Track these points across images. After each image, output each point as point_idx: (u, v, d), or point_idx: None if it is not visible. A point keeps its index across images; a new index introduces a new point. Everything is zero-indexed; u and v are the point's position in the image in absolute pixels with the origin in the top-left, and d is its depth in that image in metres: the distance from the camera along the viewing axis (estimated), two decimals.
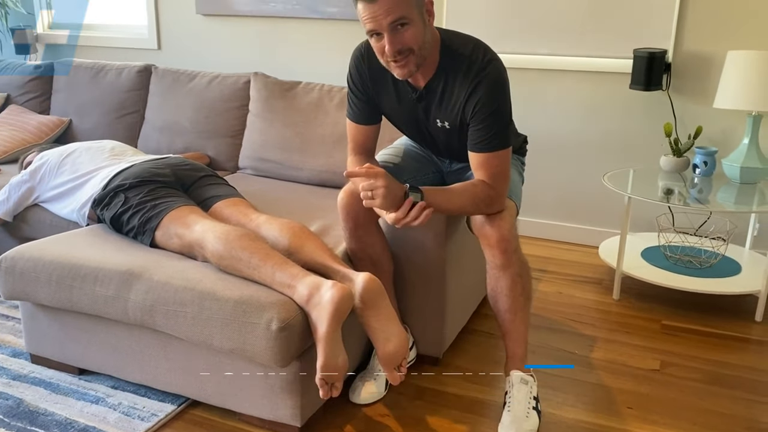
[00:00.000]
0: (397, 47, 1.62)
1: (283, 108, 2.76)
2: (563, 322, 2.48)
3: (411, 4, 1.60)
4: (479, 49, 1.72)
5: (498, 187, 1.75)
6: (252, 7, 3.70)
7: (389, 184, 1.62)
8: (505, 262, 1.79)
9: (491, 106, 1.70)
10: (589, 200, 3.26)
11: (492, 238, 1.77)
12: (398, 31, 1.61)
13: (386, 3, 1.57)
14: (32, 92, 3.33)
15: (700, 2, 2.86)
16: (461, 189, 1.73)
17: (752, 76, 2.52)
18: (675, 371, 2.15)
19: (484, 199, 1.74)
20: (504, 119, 1.73)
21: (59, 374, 2.05)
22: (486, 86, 1.69)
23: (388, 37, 1.61)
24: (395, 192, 1.63)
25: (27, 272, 1.92)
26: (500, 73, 1.71)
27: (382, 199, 1.61)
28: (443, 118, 1.81)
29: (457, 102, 1.75)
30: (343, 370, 1.65)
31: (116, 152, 2.42)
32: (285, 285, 1.67)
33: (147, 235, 1.95)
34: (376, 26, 1.61)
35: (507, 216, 1.78)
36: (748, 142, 2.64)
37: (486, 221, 1.77)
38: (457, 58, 1.72)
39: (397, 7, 1.58)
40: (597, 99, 3.12)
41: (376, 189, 1.61)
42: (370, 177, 1.61)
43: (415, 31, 1.62)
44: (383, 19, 1.59)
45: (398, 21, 1.59)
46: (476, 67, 1.70)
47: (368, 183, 1.61)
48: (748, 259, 2.78)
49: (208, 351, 1.78)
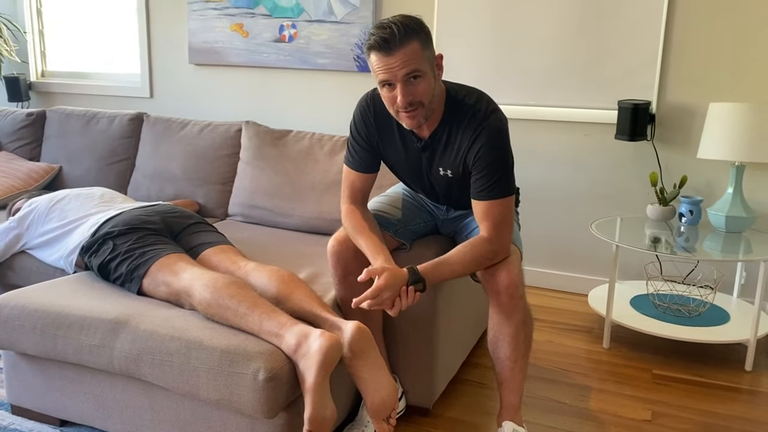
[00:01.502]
0: (408, 99, 1.67)
1: (273, 156, 2.78)
2: (554, 371, 2.46)
3: (424, 58, 1.65)
4: (482, 100, 1.77)
5: (500, 238, 1.77)
6: (244, 58, 3.77)
7: (393, 294, 1.67)
8: (512, 308, 1.78)
9: (493, 154, 1.73)
10: (577, 248, 3.28)
11: (500, 284, 1.77)
12: (411, 83, 1.66)
13: (403, 56, 1.62)
14: (23, 139, 3.34)
15: (682, 56, 2.94)
16: (461, 254, 1.75)
17: (734, 127, 2.58)
18: (666, 422, 2.13)
19: (486, 255, 1.76)
20: (505, 167, 1.76)
21: (40, 426, 2.00)
22: (488, 135, 1.73)
23: (401, 88, 1.66)
24: (399, 291, 1.68)
25: (11, 320, 1.89)
26: (502, 122, 1.75)
27: (388, 306, 1.69)
28: (446, 166, 1.83)
29: (460, 150, 1.78)
30: (331, 422, 1.62)
31: (105, 199, 2.42)
32: (273, 334, 1.65)
33: (134, 282, 1.93)
34: (390, 77, 1.65)
35: (515, 261, 1.79)
36: (732, 192, 2.68)
37: (494, 267, 1.78)
38: (462, 108, 1.77)
39: (413, 61, 1.63)
40: (583, 149, 3.18)
41: (382, 301, 1.67)
42: (374, 295, 1.66)
43: (426, 85, 1.67)
44: (398, 70, 1.64)
45: (412, 74, 1.64)
46: (479, 116, 1.74)
47: (375, 301, 1.66)
48: (736, 307, 2.78)
49: (195, 401, 1.75)
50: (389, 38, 1.61)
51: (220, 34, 3.80)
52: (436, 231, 2.14)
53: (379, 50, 1.63)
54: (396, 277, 1.67)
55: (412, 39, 1.63)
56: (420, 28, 1.66)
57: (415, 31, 1.64)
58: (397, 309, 1.69)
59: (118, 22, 4.22)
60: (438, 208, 2.10)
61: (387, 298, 1.66)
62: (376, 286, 1.65)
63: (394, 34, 1.61)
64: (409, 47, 1.63)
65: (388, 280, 1.65)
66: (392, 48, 1.62)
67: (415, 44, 1.63)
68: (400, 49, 1.62)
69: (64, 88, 4.34)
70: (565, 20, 3.08)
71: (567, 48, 3.09)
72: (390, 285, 1.66)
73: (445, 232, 2.12)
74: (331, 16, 3.53)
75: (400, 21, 1.64)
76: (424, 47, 1.65)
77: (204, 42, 3.85)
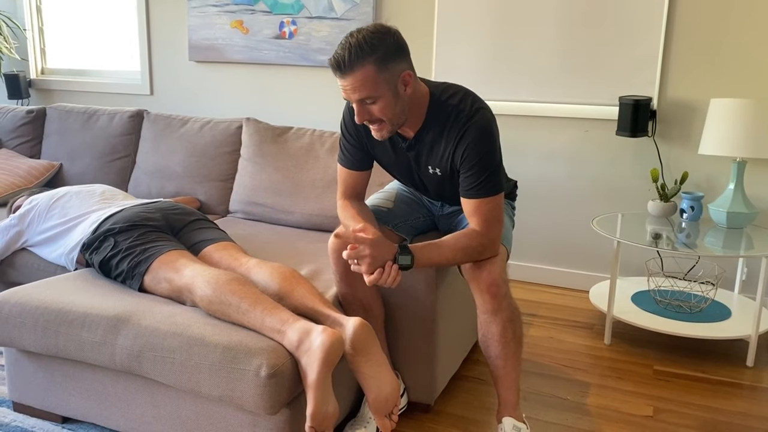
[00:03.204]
0: (364, 118, 1.69)
1: (274, 153, 2.78)
2: (555, 367, 2.46)
3: (379, 81, 1.63)
4: (467, 99, 1.76)
5: (490, 234, 1.77)
6: (244, 55, 3.76)
7: (375, 253, 1.65)
8: (495, 307, 1.78)
9: (479, 152, 1.73)
10: (578, 245, 3.28)
11: (483, 283, 1.77)
12: (366, 104, 1.67)
13: (353, 81, 1.63)
14: (24, 136, 3.34)
15: (683, 51, 2.94)
16: (453, 241, 1.75)
17: (735, 123, 2.58)
18: (668, 417, 2.13)
19: (476, 248, 1.75)
20: (493, 165, 1.75)
21: (42, 423, 2.01)
22: (473, 133, 1.72)
23: (356, 108, 1.68)
24: (383, 258, 1.66)
25: (13, 317, 1.89)
26: (488, 120, 1.74)
27: (368, 267, 1.65)
28: (434, 165, 1.83)
29: (447, 149, 1.77)
30: (333, 418, 1.62)
31: (106, 196, 2.41)
32: (275, 330, 1.65)
33: (136, 279, 1.93)
34: (346, 97, 1.68)
35: (498, 261, 1.79)
36: (733, 188, 2.68)
37: (477, 266, 1.78)
38: (446, 108, 1.76)
39: (364, 87, 1.63)
40: (584, 145, 3.17)
41: (362, 258, 1.65)
42: (358, 242, 1.64)
43: (383, 106, 1.67)
44: (351, 93, 1.65)
45: (365, 99, 1.65)
46: (464, 115, 1.73)
47: (353, 251, 1.64)
48: (737, 303, 2.78)
49: (196, 398, 1.75)
50: (341, 61, 1.61)
51: (220, 31, 3.79)
52: (435, 227, 2.14)
53: (334, 70, 1.64)
54: (384, 242, 1.67)
55: (365, 63, 1.60)
56: (379, 47, 1.60)
57: (369, 53, 1.60)
58: (375, 278, 1.66)
59: (118, 19, 4.22)
60: (433, 204, 2.10)
61: (368, 254, 1.64)
62: (360, 237, 1.65)
63: (344, 58, 1.60)
64: (360, 72, 1.61)
65: (374, 239, 1.66)
66: (343, 71, 1.62)
67: (367, 68, 1.61)
68: (350, 74, 1.62)
69: (64, 85, 4.34)
70: (566, 16, 3.07)
71: (568, 44, 3.09)
72: (374, 243, 1.65)
73: (442, 228, 2.12)
74: (331, 12, 3.52)
75: (356, 41, 1.60)
76: (379, 69, 1.62)
77: (204, 39, 3.84)
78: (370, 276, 1.67)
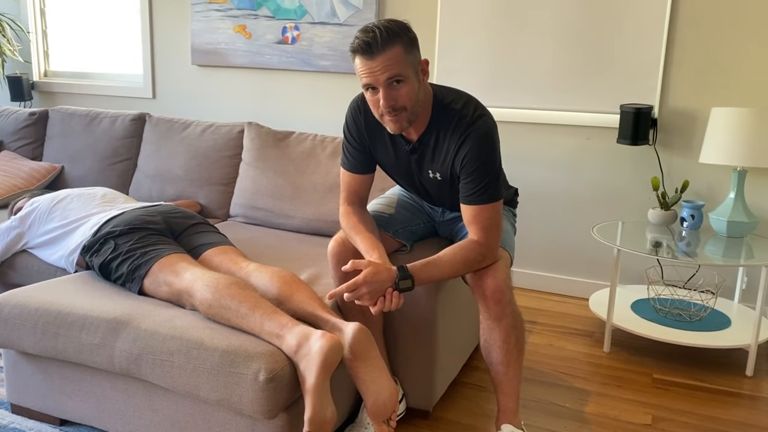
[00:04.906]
0: (390, 103, 1.67)
1: (275, 157, 2.78)
2: (554, 375, 2.46)
3: (407, 63, 1.66)
4: (470, 105, 1.76)
5: (489, 241, 1.77)
6: (247, 60, 3.77)
7: (372, 287, 1.66)
8: (499, 313, 1.78)
9: (479, 159, 1.73)
10: (578, 252, 3.28)
11: (487, 289, 1.77)
12: (393, 87, 1.66)
13: (385, 60, 1.62)
14: (26, 138, 3.35)
15: (684, 60, 2.95)
16: (451, 255, 1.75)
17: (736, 132, 2.58)
18: (667, 426, 2.13)
19: (475, 258, 1.76)
20: (493, 172, 1.75)
21: (40, 425, 2.00)
22: (474, 140, 1.73)
23: (383, 92, 1.66)
24: (382, 289, 1.68)
25: (12, 319, 1.89)
26: (489, 127, 1.74)
27: (369, 302, 1.68)
28: (435, 169, 1.83)
29: (448, 155, 1.78)
30: (331, 423, 1.62)
31: (107, 199, 2.42)
32: (274, 335, 1.65)
33: (135, 282, 1.93)
34: (373, 81, 1.66)
35: (502, 266, 1.79)
36: (734, 197, 2.68)
37: (480, 272, 1.78)
38: (449, 113, 1.76)
39: (395, 65, 1.63)
40: (585, 153, 3.18)
41: (361, 296, 1.66)
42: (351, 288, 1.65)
43: (409, 89, 1.67)
44: (380, 75, 1.64)
45: (394, 78, 1.65)
46: (466, 121, 1.74)
47: (352, 295, 1.66)
48: (737, 312, 2.78)
49: (195, 402, 1.75)
50: (371, 42, 1.62)
51: (223, 36, 3.80)
52: (436, 233, 2.14)
53: (362, 54, 1.64)
54: (379, 273, 1.67)
55: (395, 43, 1.63)
56: (404, 32, 1.66)
57: (398, 35, 1.64)
58: (378, 308, 1.68)
59: (121, 23, 4.23)
60: (434, 209, 2.11)
61: (365, 293, 1.66)
62: (354, 280, 1.66)
63: (376, 38, 1.61)
64: (391, 51, 1.63)
65: (368, 276, 1.65)
66: (374, 52, 1.62)
67: (397, 48, 1.63)
68: (381, 53, 1.62)
69: (66, 87, 4.35)
70: (567, 24, 3.08)
71: (569, 51, 3.10)
72: (370, 280, 1.66)
73: (443, 234, 2.12)
74: (333, 18, 3.53)
75: (383, 25, 1.64)
76: (407, 51, 1.65)
77: (207, 43, 3.85)
78: (374, 308, 1.68)
